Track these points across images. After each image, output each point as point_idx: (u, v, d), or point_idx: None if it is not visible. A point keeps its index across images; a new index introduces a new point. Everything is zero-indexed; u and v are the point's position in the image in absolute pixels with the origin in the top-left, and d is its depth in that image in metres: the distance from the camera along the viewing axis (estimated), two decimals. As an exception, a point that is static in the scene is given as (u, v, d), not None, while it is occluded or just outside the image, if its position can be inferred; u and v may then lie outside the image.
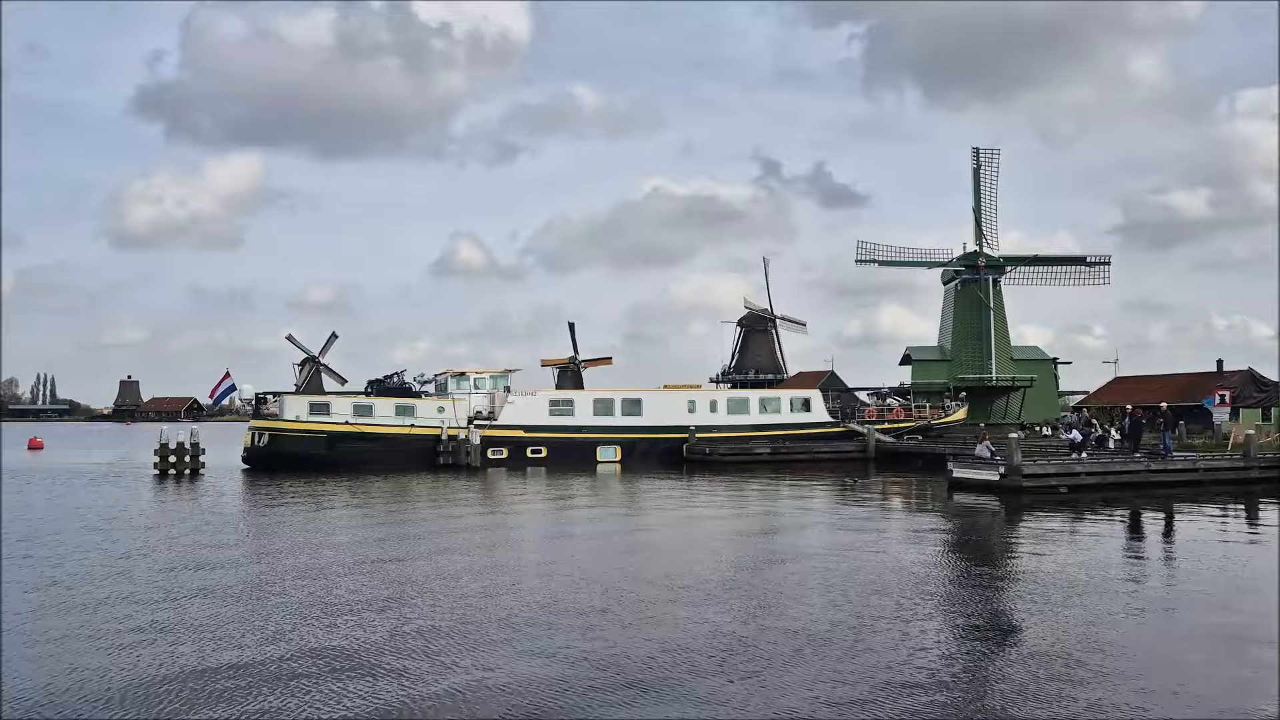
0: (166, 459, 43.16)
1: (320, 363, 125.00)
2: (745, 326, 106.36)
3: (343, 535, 23.16)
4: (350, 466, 44.59)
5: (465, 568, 17.90)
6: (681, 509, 29.56)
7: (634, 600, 14.65)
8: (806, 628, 12.77)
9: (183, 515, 27.67)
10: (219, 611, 13.95)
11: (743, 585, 16.04)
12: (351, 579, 16.69)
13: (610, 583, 16.11)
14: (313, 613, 13.87)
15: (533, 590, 15.54)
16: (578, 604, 14.37)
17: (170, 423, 64.47)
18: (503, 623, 13.18)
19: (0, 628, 12.90)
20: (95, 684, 10.34)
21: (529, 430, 48.89)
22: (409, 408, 48.78)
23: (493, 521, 26.30)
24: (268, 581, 16.44)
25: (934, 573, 17.24)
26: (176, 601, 14.69)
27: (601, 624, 13.07)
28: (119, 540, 21.66)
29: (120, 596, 15.08)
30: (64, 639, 12.34)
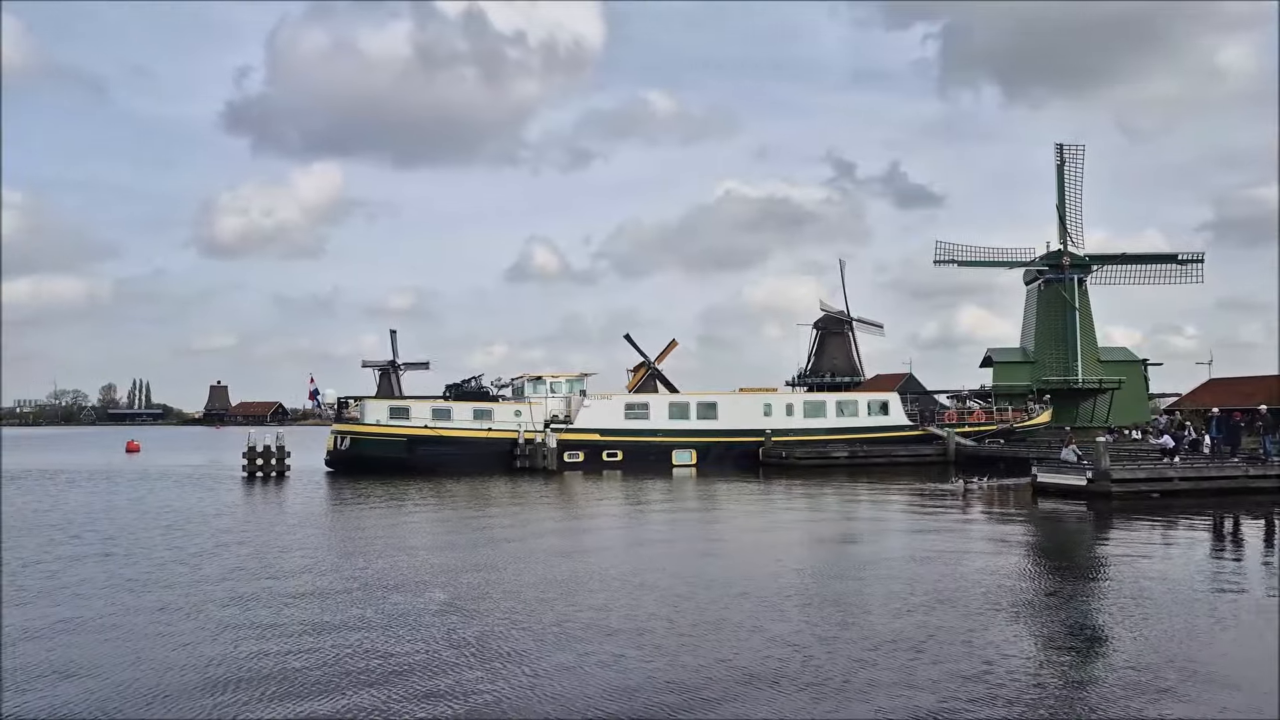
0: (254, 462, 44.36)
1: (397, 364, 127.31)
2: (821, 329, 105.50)
3: (424, 538, 23.51)
4: (429, 469, 45.26)
5: (545, 571, 18.00)
6: (758, 513, 29.36)
7: (711, 606, 14.56)
8: (886, 635, 12.56)
9: (271, 518, 28.43)
10: (303, 613, 14.27)
11: (821, 592, 15.84)
12: (431, 582, 16.92)
13: (686, 588, 16.04)
14: (398, 612, 14.10)
15: (610, 595, 15.55)
16: (656, 609, 14.34)
17: (257, 426, 66.15)
18: (586, 626, 13.22)
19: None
20: (174, 680, 10.67)
21: (604, 434, 49.05)
22: (486, 411, 49.35)
23: (570, 526, 26.43)
24: (350, 583, 16.77)
25: (1018, 581, 16.81)
26: (263, 601, 15.09)
27: (678, 629, 13.03)
28: (215, 541, 22.34)
29: (218, 598, 15.54)
30: (164, 635, 12.76)
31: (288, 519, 27.81)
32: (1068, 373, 68.19)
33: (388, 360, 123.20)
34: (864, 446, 49.76)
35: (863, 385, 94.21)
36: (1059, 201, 69.42)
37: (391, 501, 32.59)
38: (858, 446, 49.63)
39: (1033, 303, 72.10)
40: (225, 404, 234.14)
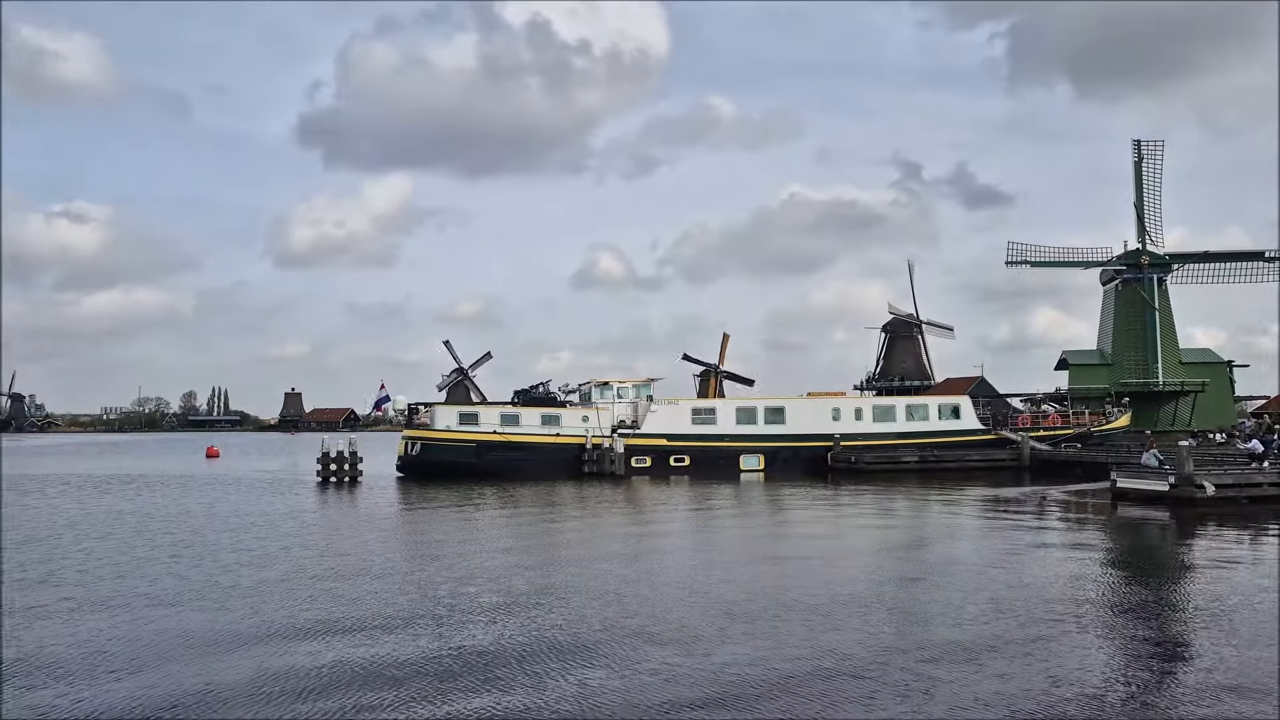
0: (328, 467, 45.21)
1: (469, 375, 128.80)
2: (890, 332, 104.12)
3: (491, 542, 23.69)
4: (498, 474, 45.67)
5: (614, 576, 18.01)
6: (826, 518, 29.05)
7: (781, 613, 14.42)
8: (957, 644, 12.30)
9: (347, 520, 28.98)
10: (379, 610, 14.48)
11: (891, 598, 15.60)
12: (494, 585, 17.04)
13: (756, 594, 15.92)
14: (470, 614, 14.23)
15: (682, 601, 15.51)
16: (726, 615, 14.26)
17: (330, 432, 67.47)
18: (659, 632, 13.20)
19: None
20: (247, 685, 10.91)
21: (672, 439, 49.02)
22: (554, 417, 49.64)
23: (639, 531, 26.45)
24: (426, 584, 16.98)
25: (1095, 591, 16.36)
26: (336, 601, 15.36)
27: (748, 636, 12.93)
28: (289, 543, 22.82)
29: (294, 599, 15.88)
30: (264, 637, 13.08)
31: (359, 523, 28.29)
32: (1147, 375, 66.31)
33: (455, 370, 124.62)
34: (935, 451, 48.96)
35: (933, 389, 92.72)
36: (1137, 199, 67.59)
37: (460, 506, 32.95)
38: (928, 451, 48.85)
39: (1110, 303, 70.25)
40: (300, 410, 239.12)
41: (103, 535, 25.18)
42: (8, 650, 12.44)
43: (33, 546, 22.64)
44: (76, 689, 10.72)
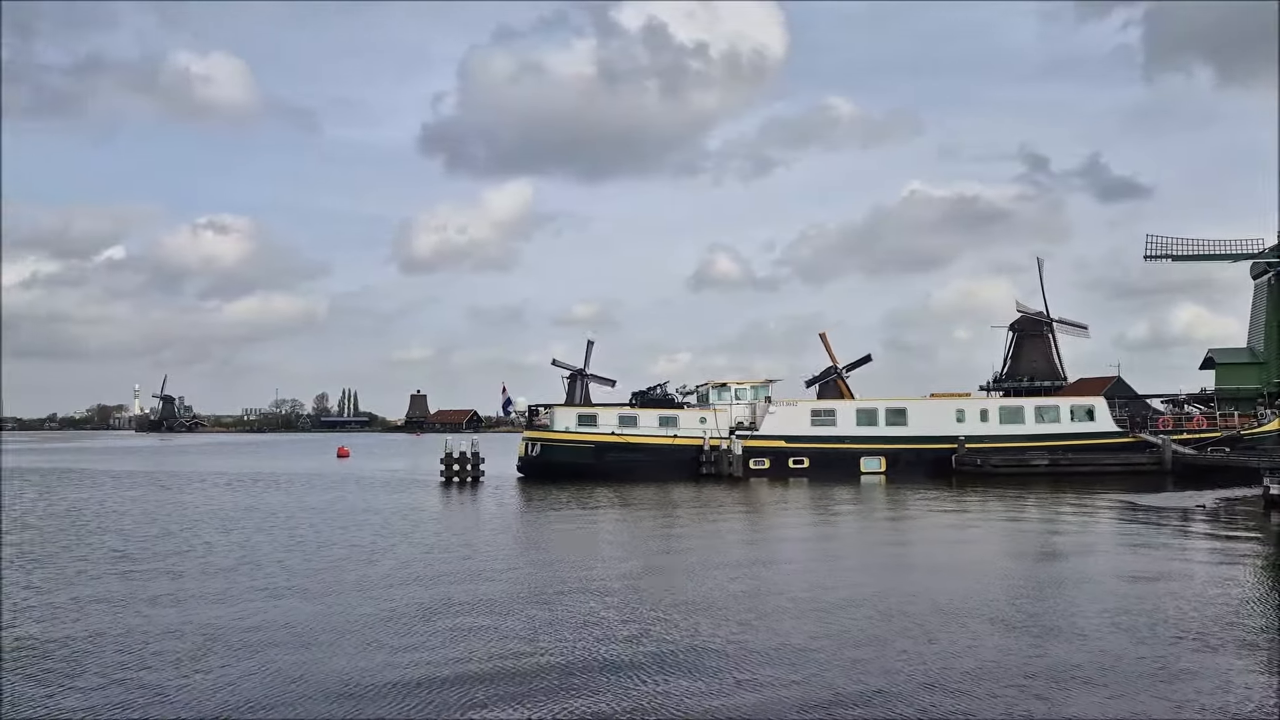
0: (451, 467, 46.26)
1: (586, 374, 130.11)
2: (1018, 331, 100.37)
3: (609, 542, 23.81)
4: (616, 475, 45.88)
5: (731, 583, 17.85)
6: (952, 524, 28.15)
7: (904, 623, 14.03)
8: (1093, 662, 11.70)
9: (469, 520, 29.58)
10: (496, 619, 14.66)
11: (1020, 611, 14.98)
12: (607, 587, 17.10)
13: (879, 603, 15.53)
14: (585, 617, 14.29)
15: (802, 609, 15.24)
16: (848, 625, 13.93)
17: (453, 433, 69.03)
18: (775, 640, 13.00)
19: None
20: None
21: (790, 440, 48.40)
22: (672, 419, 49.62)
23: (757, 535, 26.17)
24: (545, 585, 17.14)
25: (1246, 607, 15.34)
26: (453, 604, 15.62)
27: (868, 644, 12.60)
28: (420, 541, 23.40)
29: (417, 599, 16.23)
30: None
31: (475, 522, 28.83)
32: (1302, 374, 62.13)
33: (578, 368, 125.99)
34: (1067, 454, 46.94)
35: (1065, 389, 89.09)
36: (1289, 187, 63.40)
37: (579, 506, 33.23)
38: (1060, 454, 46.87)
39: (1262, 298, 66.20)
40: (424, 412, 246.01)
41: (227, 529, 26.64)
42: (108, 632, 13.07)
43: (166, 539, 24.23)
44: (161, 675, 11.18)
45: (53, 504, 35.39)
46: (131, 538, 24.79)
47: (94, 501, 36.22)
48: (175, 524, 28.11)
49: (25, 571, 19.30)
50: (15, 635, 13.55)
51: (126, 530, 26.61)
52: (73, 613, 15.19)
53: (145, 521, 28.85)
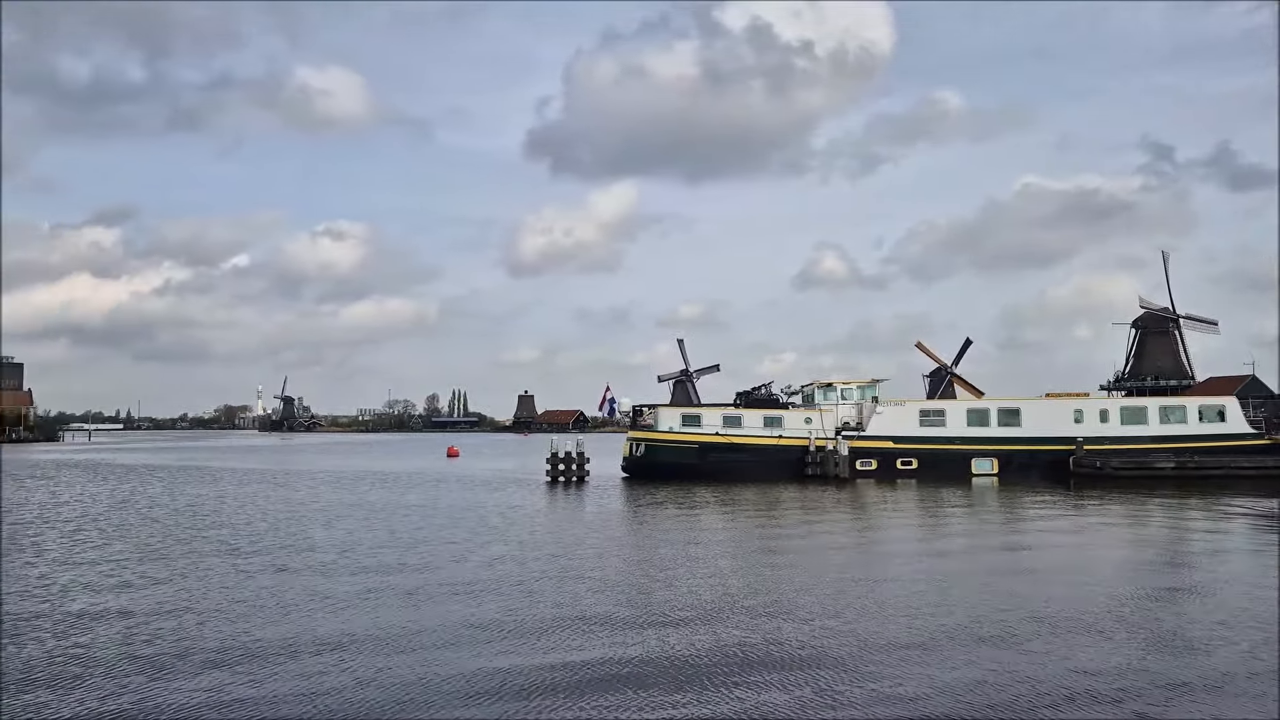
0: (556, 467, 46.74)
1: (692, 378, 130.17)
2: (1141, 328, 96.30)
3: (713, 543, 23.59)
4: (720, 476, 45.63)
5: (832, 583, 17.49)
6: (1070, 529, 27.06)
7: (1017, 631, 13.49)
8: (1225, 676, 11.05)
9: (567, 519, 29.83)
10: (607, 610, 14.70)
11: (1142, 620, 14.25)
12: (710, 588, 16.90)
13: (991, 609, 14.98)
14: (687, 617, 14.19)
15: (910, 614, 14.82)
16: (959, 632, 13.50)
17: (559, 434, 69.80)
18: (884, 649, 12.67)
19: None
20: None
21: (898, 441, 47.38)
22: (776, 419, 49.13)
23: (864, 537, 25.62)
24: (647, 584, 17.13)
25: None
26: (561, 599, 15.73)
27: (982, 654, 12.17)
28: (523, 540, 23.72)
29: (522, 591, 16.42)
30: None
31: (577, 520, 29.01)
32: None
33: (680, 370, 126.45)
34: (1195, 457, 44.72)
35: (1193, 389, 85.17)
36: None
37: (683, 506, 33.15)
38: (1187, 457, 44.69)
39: None
40: (532, 412, 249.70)
41: (330, 524, 27.58)
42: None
43: (273, 534, 25.20)
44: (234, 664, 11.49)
45: (175, 498, 37.06)
46: (242, 532, 25.71)
47: (212, 497, 37.76)
48: (284, 519, 29.08)
49: (142, 561, 20.27)
50: (128, 624, 14.21)
51: (238, 524, 27.63)
52: (173, 603, 15.81)
53: (257, 516, 29.92)
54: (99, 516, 30.12)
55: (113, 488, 43.38)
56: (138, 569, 19.38)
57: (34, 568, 19.58)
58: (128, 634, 13.57)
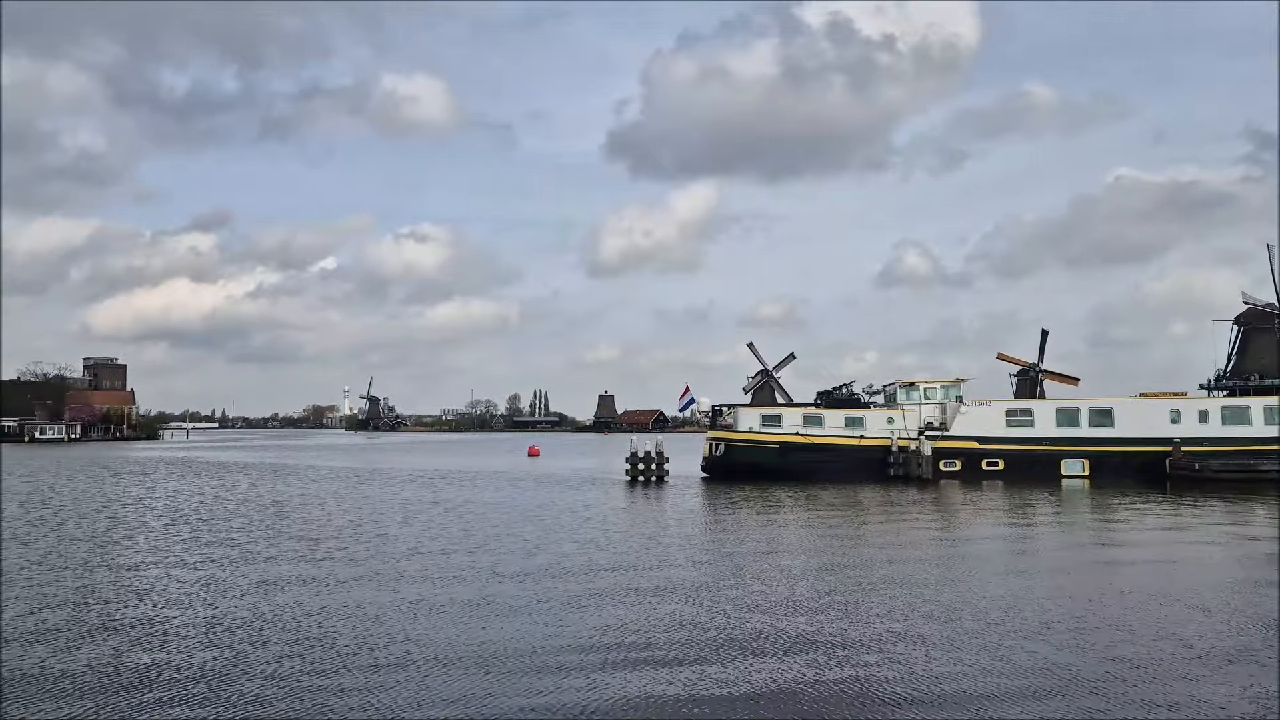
0: (636, 467, 46.68)
1: (774, 377, 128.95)
2: (1245, 325, 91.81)
3: (792, 545, 23.23)
4: (801, 476, 45.06)
5: (927, 597, 17.00)
6: (1169, 535, 25.95)
7: (1104, 650, 12.90)
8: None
9: (641, 517, 29.72)
10: (680, 609, 14.51)
11: (1254, 635, 13.50)
12: (792, 590, 16.59)
13: (1085, 623, 14.38)
14: (754, 625, 13.94)
15: (999, 624, 14.32)
16: (1034, 647, 12.98)
17: (639, 433, 69.82)
18: (962, 658, 12.26)
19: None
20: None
21: (984, 441, 46.18)
22: (858, 419, 48.32)
23: (949, 540, 24.94)
24: (727, 583, 16.89)
25: None
26: (640, 595, 15.59)
27: (1054, 679, 11.66)
28: (604, 538, 23.69)
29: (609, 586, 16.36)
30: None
31: (651, 518, 28.82)
32: None
33: (759, 371, 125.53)
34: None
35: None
36: None
37: (762, 506, 32.75)
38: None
39: None
40: (612, 412, 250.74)
41: (406, 521, 27.98)
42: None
43: (351, 530, 25.67)
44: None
45: (262, 494, 38.09)
46: (321, 528, 26.20)
47: (296, 494, 38.62)
48: (363, 516, 29.53)
49: (225, 554, 20.78)
50: (211, 612, 14.54)
51: (318, 520, 28.19)
52: (252, 595, 16.15)
53: (337, 513, 30.49)
54: (190, 511, 31.07)
55: (203, 484, 44.75)
56: (222, 562, 19.88)
57: (126, 558, 20.27)
58: (210, 620, 13.95)
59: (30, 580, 17.55)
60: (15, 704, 10.05)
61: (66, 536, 24.16)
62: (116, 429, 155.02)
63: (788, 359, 62.84)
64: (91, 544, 22.79)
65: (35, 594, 16.17)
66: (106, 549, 21.87)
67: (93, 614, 14.54)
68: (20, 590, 16.52)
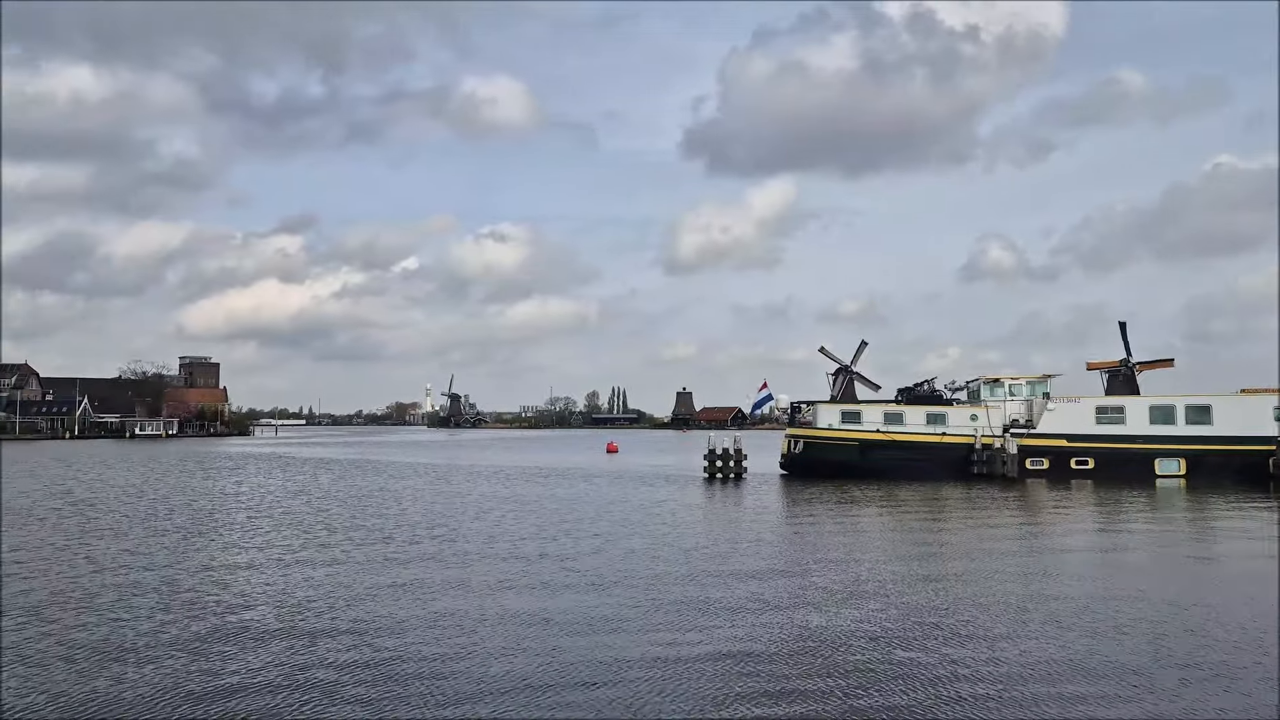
0: (714, 464, 46.39)
1: (853, 371, 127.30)
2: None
3: (873, 544, 22.74)
4: (881, 474, 44.28)
5: (998, 593, 16.49)
6: (1269, 545, 24.70)
7: (1229, 664, 12.27)
8: None
9: (727, 516, 29.46)
10: (760, 618, 14.26)
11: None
12: (875, 592, 16.19)
13: (1191, 639, 13.71)
14: (826, 629, 13.59)
15: (1094, 635, 13.75)
16: (1151, 660, 12.40)
17: (717, 430, 69.44)
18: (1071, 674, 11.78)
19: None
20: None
21: (1072, 439, 44.74)
22: (940, 416, 47.26)
23: (1037, 544, 24.09)
24: (801, 588, 16.58)
25: None
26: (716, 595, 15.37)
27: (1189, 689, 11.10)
28: (681, 536, 23.52)
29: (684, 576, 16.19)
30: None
31: (742, 518, 28.53)
32: None
33: (839, 370, 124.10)
34: None
35: None
36: None
37: (842, 505, 32.19)
38: None
39: None
40: (689, 409, 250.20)
41: (480, 515, 28.32)
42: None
43: (426, 523, 26.03)
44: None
45: (344, 489, 38.88)
46: (397, 521, 26.56)
47: (375, 489, 39.26)
48: (440, 510, 29.86)
49: (304, 546, 21.17)
50: (282, 601, 14.79)
51: (394, 514, 28.57)
52: (326, 584, 16.37)
53: (413, 507, 30.94)
54: (274, 504, 31.92)
55: (287, 479, 45.92)
56: (299, 553, 20.29)
57: (205, 549, 20.82)
58: (282, 612, 14.27)
59: (121, 565, 18.14)
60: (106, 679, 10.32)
61: (156, 529, 24.97)
62: (210, 425, 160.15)
63: (860, 348, 61.41)
64: (180, 535, 23.59)
65: (129, 580, 16.70)
66: (192, 540, 22.53)
67: (177, 601, 14.95)
68: (111, 577, 17.09)
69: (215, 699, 10.02)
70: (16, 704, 9.78)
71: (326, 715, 9.57)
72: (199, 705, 9.82)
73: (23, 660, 11.46)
